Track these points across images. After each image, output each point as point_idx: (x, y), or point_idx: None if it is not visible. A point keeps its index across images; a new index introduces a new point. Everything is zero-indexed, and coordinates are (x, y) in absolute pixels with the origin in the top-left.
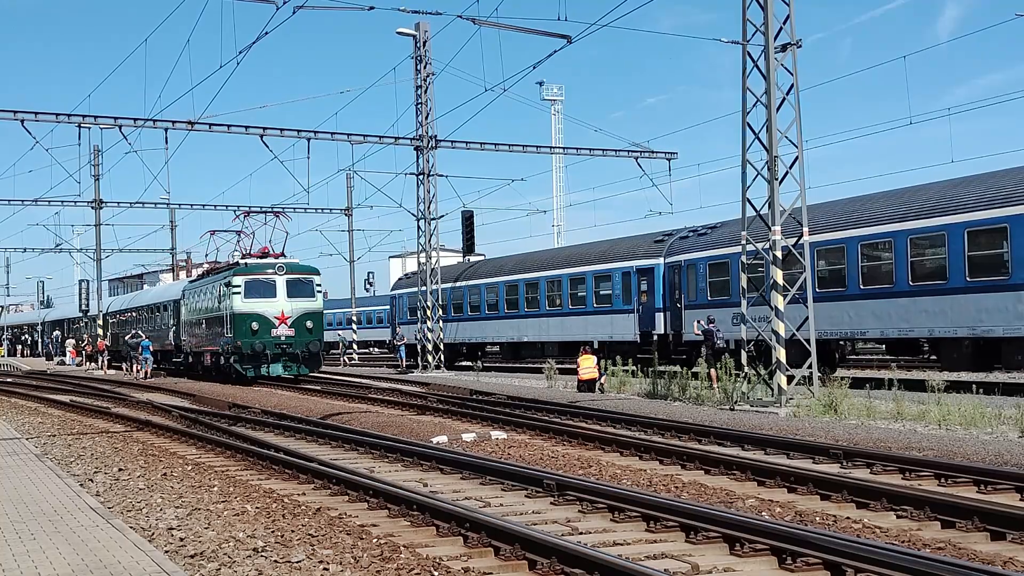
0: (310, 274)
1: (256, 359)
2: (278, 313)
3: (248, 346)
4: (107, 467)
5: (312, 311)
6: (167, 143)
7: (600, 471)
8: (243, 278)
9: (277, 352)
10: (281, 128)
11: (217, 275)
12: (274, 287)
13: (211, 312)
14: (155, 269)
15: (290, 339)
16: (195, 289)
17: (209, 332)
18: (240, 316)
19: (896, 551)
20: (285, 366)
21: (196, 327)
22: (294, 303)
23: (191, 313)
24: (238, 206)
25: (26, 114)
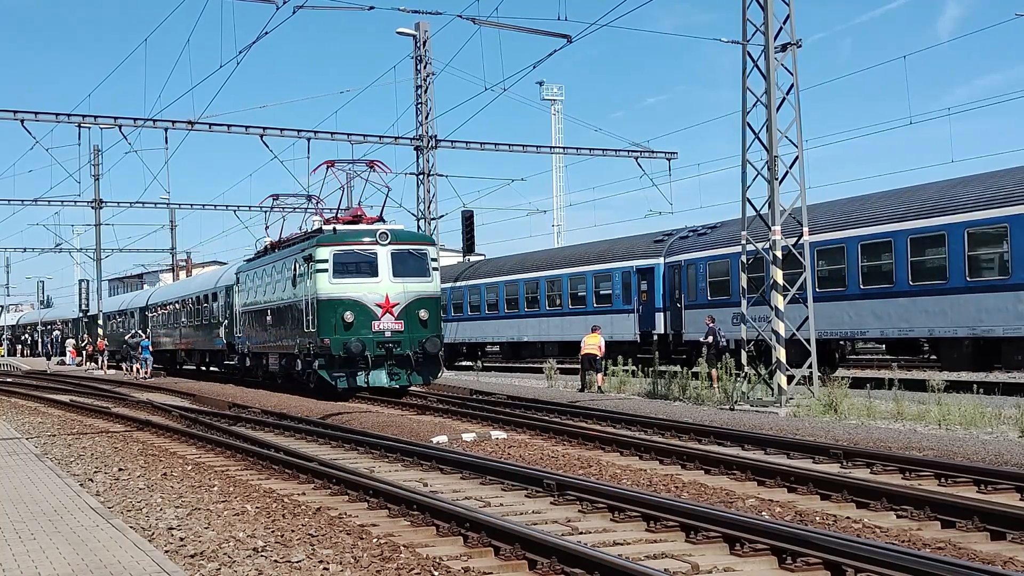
0: (423, 243)
1: (350, 364)
2: (380, 299)
3: (339, 346)
4: (107, 467)
5: (427, 295)
6: (167, 143)
7: (600, 471)
8: (331, 249)
9: (380, 354)
10: (281, 128)
11: (289, 248)
12: (374, 262)
13: (280, 300)
14: (155, 269)
15: (398, 335)
16: (255, 271)
17: (277, 327)
18: (327, 304)
19: (896, 551)
20: (391, 374)
21: (257, 321)
22: (403, 284)
23: (249, 303)
24: (238, 206)
25: (26, 114)
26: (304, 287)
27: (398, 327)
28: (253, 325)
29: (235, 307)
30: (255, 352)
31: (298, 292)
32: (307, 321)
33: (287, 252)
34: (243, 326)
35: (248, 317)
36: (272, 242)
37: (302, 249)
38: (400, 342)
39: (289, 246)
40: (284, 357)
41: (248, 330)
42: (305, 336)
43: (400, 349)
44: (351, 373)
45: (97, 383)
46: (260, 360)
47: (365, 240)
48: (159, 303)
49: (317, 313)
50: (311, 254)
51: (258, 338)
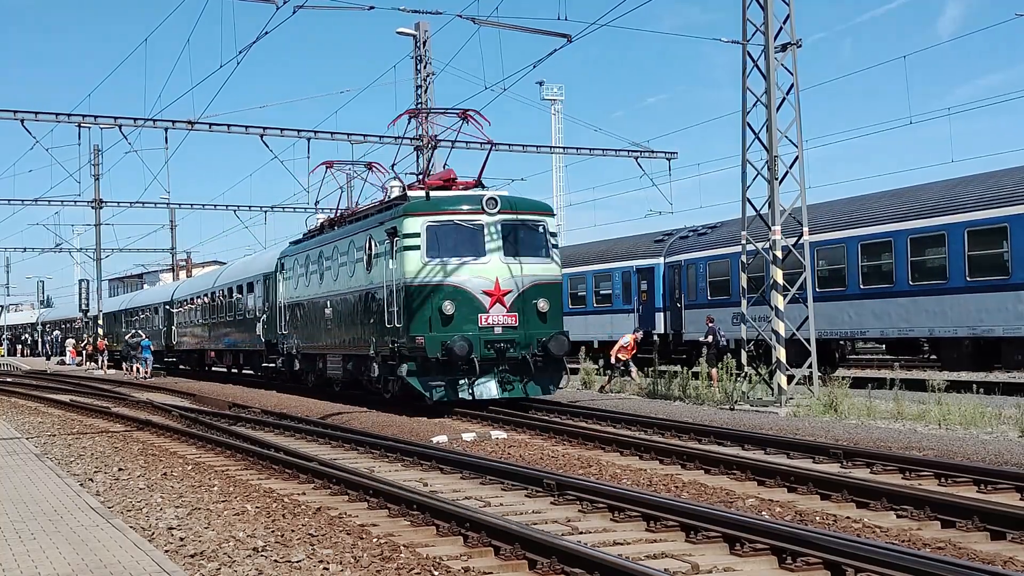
0: (540, 213)
1: (450, 369)
2: (489, 284)
3: (437, 346)
4: (107, 467)
5: (547, 280)
6: (167, 143)
7: (600, 471)
8: (423, 220)
9: (489, 357)
10: (281, 128)
11: (359, 223)
12: (480, 237)
13: (346, 288)
14: (155, 269)
15: (511, 332)
16: (305, 254)
17: (340, 322)
18: (419, 291)
19: (896, 551)
20: (503, 383)
21: (309, 315)
22: (517, 266)
23: (299, 293)
24: (238, 206)
25: (26, 114)
26: (384, 270)
27: (511, 321)
28: (303, 320)
29: (278, 299)
30: (306, 354)
31: (374, 277)
32: (389, 314)
33: (355, 228)
34: (289, 322)
35: (296, 311)
36: (330, 218)
37: (380, 222)
38: (514, 341)
39: (357, 220)
40: (350, 360)
41: (296, 326)
42: (385, 333)
43: (514, 350)
44: (451, 381)
45: (97, 383)
46: (313, 363)
47: (466, 208)
48: (185, 297)
49: (405, 303)
50: (395, 227)
51: (310, 336)
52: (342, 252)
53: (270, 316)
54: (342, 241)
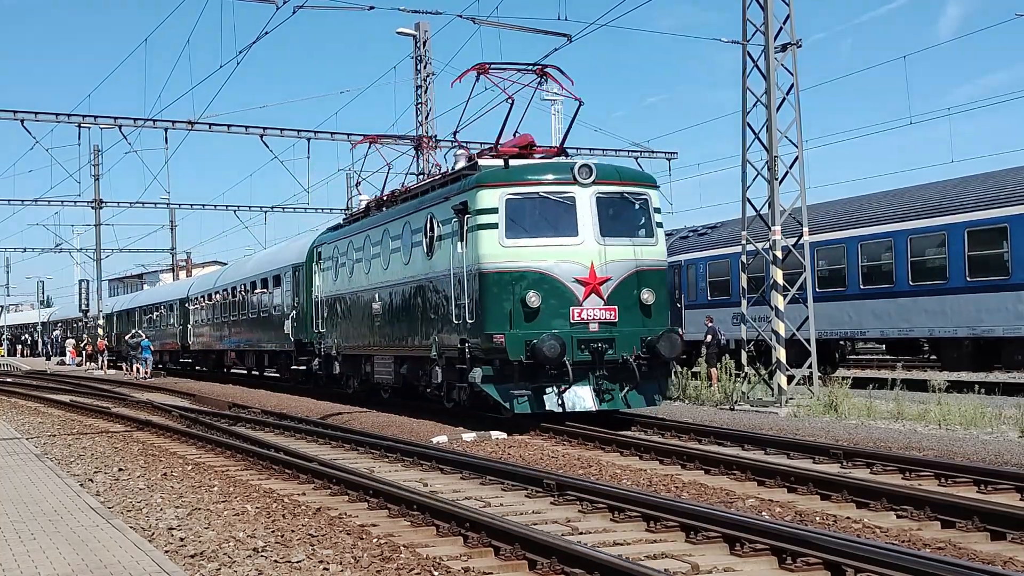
0: (642, 184)
1: (535, 375)
2: (582, 271)
3: (520, 346)
4: (107, 467)
5: (651, 266)
6: (167, 143)
7: (600, 471)
8: (502, 192)
9: (584, 360)
10: (281, 128)
11: (416, 200)
12: (572, 213)
13: (401, 278)
14: (155, 269)
15: (609, 330)
16: (347, 241)
17: (393, 318)
18: (498, 279)
19: (896, 551)
20: (601, 391)
21: (351, 311)
22: (616, 248)
23: (339, 286)
24: (238, 206)
25: (26, 114)
26: (450, 255)
27: (609, 316)
28: (345, 316)
29: (313, 293)
30: (348, 355)
31: (437, 264)
32: (457, 308)
33: (411, 207)
34: (327, 319)
35: (336, 305)
36: (376, 198)
37: (444, 197)
38: (614, 340)
39: (414, 197)
40: (404, 363)
41: (336, 324)
42: (451, 331)
43: (613, 351)
44: (536, 390)
45: (97, 383)
46: (356, 366)
47: (554, 177)
48: (202, 293)
49: (480, 294)
50: (466, 202)
51: (354, 335)
52: (394, 236)
53: (301, 312)
54: (394, 223)
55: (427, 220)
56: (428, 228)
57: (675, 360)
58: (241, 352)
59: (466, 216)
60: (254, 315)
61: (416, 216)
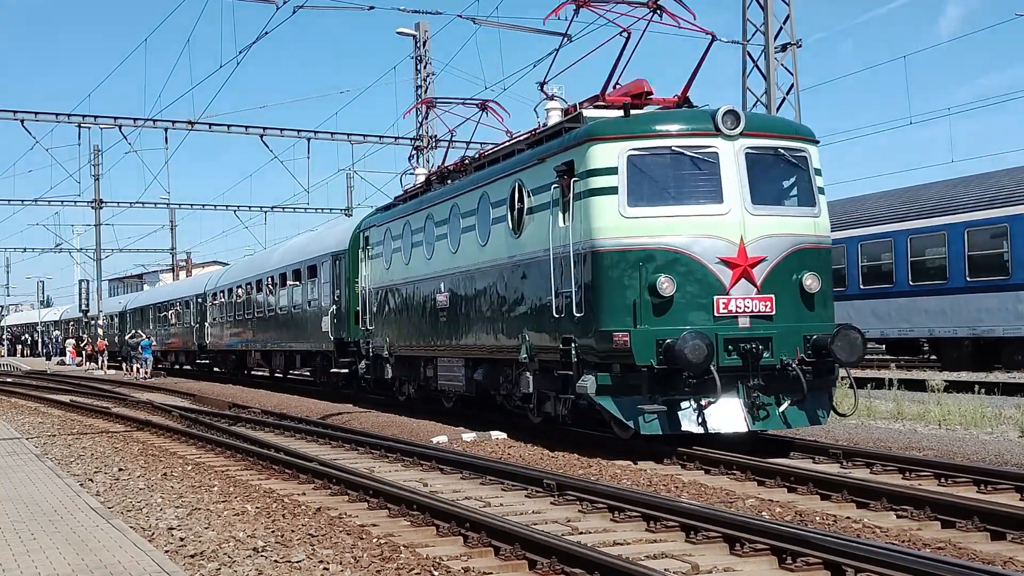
0: (800, 138)
1: (669, 384)
2: (730, 248)
3: (650, 347)
4: (107, 467)
5: (814, 243)
6: (167, 143)
7: (600, 471)
8: (622, 147)
9: (733, 365)
10: (281, 128)
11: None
12: (715, 173)
13: (473, 262)
14: (155, 269)
15: (764, 326)
16: (403, 221)
17: (463, 312)
18: (617, 259)
19: (896, 551)
20: (754, 406)
21: (409, 303)
22: (772, 219)
23: (391, 273)
24: (238, 206)
25: (26, 114)
26: (548, 231)
27: (764, 307)
28: (400, 312)
29: (361, 284)
30: (403, 357)
31: (528, 243)
32: (559, 298)
33: (489, 175)
34: (378, 313)
35: (389, 298)
36: (441, 168)
37: (539, 158)
38: (770, 339)
39: (495, 161)
40: (479, 367)
41: (389, 320)
42: (550, 328)
43: (771, 354)
44: (670, 403)
45: (97, 383)
46: (413, 369)
47: (690, 127)
48: (223, 288)
49: (593, 279)
50: (573, 161)
51: (412, 333)
52: (465, 212)
53: (343, 307)
54: (465, 196)
55: (513, 189)
56: (514, 199)
57: (856, 365)
58: (267, 352)
59: (572, 180)
60: (283, 311)
61: (496, 186)
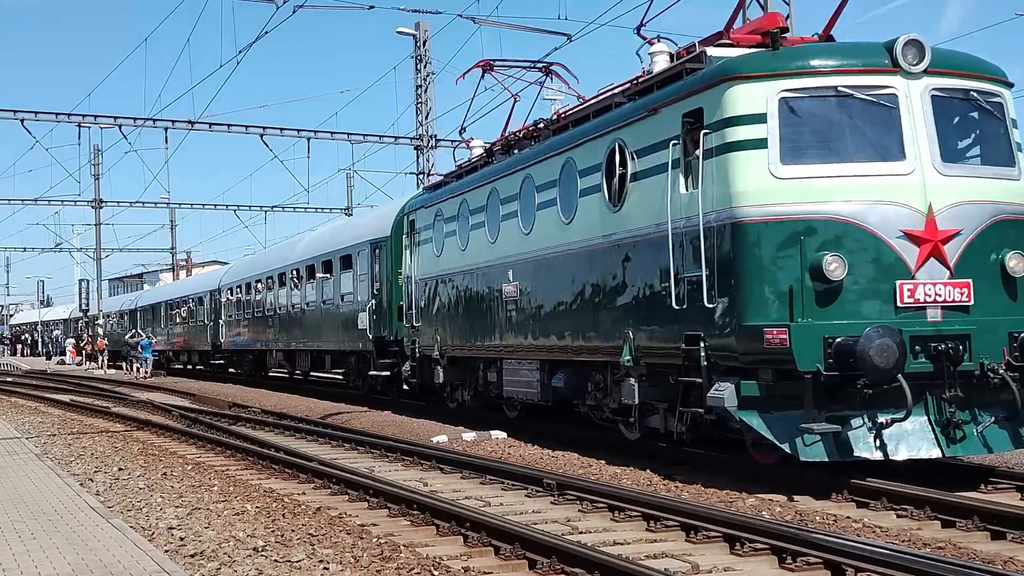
0: (991, 79)
1: (834, 394)
2: (915, 219)
3: (816, 346)
4: (107, 466)
5: (1015, 212)
6: (167, 143)
7: (600, 471)
8: (771, 88)
9: (923, 371)
10: (281, 128)
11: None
12: (892, 121)
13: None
14: (155, 269)
15: (961, 319)
16: (459, 199)
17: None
18: (767, 233)
19: (896, 551)
20: (948, 424)
21: (466, 295)
22: (966, 181)
23: (442, 261)
24: (238, 206)
25: (26, 114)
26: (663, 200)
27: (959, 296)
28: (454, 305)
29: (407, 274)
30: (458, 358)
31: (632, 216)
32: (680, 284)
33: (575, 137)
34: (427, 308)
35: (439, 291)
36: (508, 136)
37: (650, 108)
38: (968, 337)
39: (583, 120)
40: (560, 371)
41: (439, 315)
42: (667, 322)
43: (968, 357)
44: (840, 421)
45: (97, 383)
46: (471, 374)
47: (858, 63)
48: (240, 283)
49: (733, 259)
50: (702, 109)
51: (469, 330)
52: (541, 184)
53: (384, 302)
54: (540, 166)
55: (610, 152)
56: (611, 164)
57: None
58: (290, 352)
59: (702, 133)
60: (311, 307)
61: (586, 149)
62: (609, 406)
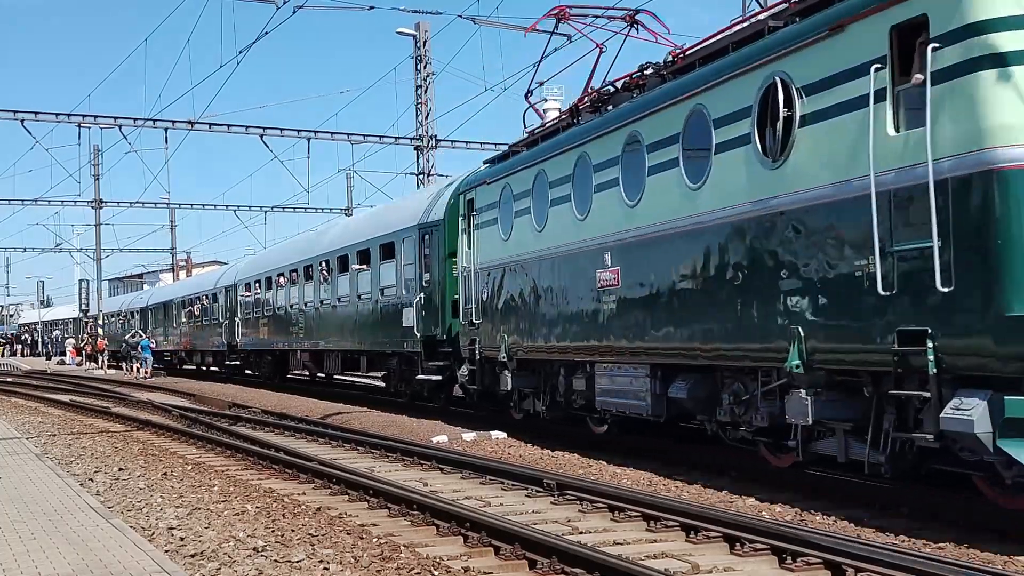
0: None
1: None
2: None
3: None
4: (107, 467)
5: None
6: (167, 143)
7: (600, 471)
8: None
9: None
10: (281, 128)
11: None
12: None
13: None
14: (155, 269)
15: None
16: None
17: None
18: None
19: (896, 551)
20: None
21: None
22: None
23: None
24: (238, 206)
25: (26, 114)
26: (868, 147)
27: None
28: (527, 298)
29: (464, 264)
30: (529, 361)
31: (802, 172)
32: (893, 262)
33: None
34: (489, 302)
35: (506, 282)
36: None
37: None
38: None
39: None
40: (683, 377)
41: (507, 310)
42: (866, 314)
43: None
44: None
45: (97, 383)
46: (547, 380)
47: None
48: (259, 276)
49: (990, 222)
50: (926, 16)
51: (547, 328)
52: (654, 142)
53: (434, 295)
54: (654, 119)
55: (763, 92)
56: (766, 107)
57: None
58: (317, 353)
59: (929, 48)
60: (344, 303)
61: (722, 92)
62: (754, 423)
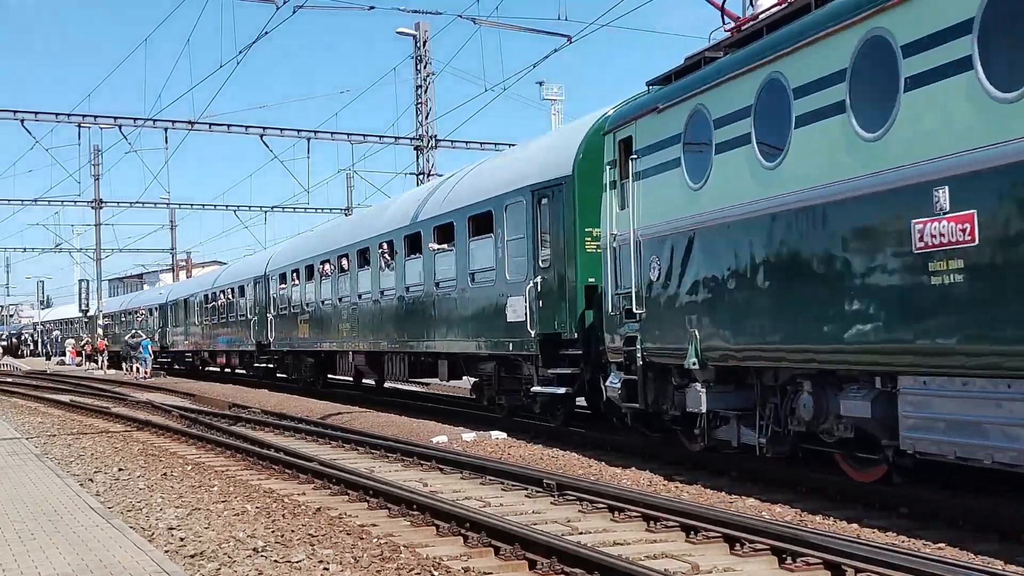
0: None
1: None
2: None
3: None
4: (107, 467)
5: None
6: (167, 143)
7: (600, 471)
8: None
9: None
10: (281, 128)
11: None
12: None
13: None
14: (155, 269)
15: None
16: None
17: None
18: None
19: (896, 551)
20: None
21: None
22: None
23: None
24: (238, 206)
25: (26, 114)
26: None
27: None
28: (746, 279)
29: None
30: (734, 369)
31: None
32: None
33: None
34: (667, 288)
35: (698, 253)
36: None
37: None
38: None
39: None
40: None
41: (702, 299)
42: None
43: None
44: None
45: (97, 383)
46: (775, 398)
47: None
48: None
49: None
50: None
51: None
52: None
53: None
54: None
55: None
56: None
57: None
58: (376, 355)
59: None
60: (414, 292)
61: None
62: None
